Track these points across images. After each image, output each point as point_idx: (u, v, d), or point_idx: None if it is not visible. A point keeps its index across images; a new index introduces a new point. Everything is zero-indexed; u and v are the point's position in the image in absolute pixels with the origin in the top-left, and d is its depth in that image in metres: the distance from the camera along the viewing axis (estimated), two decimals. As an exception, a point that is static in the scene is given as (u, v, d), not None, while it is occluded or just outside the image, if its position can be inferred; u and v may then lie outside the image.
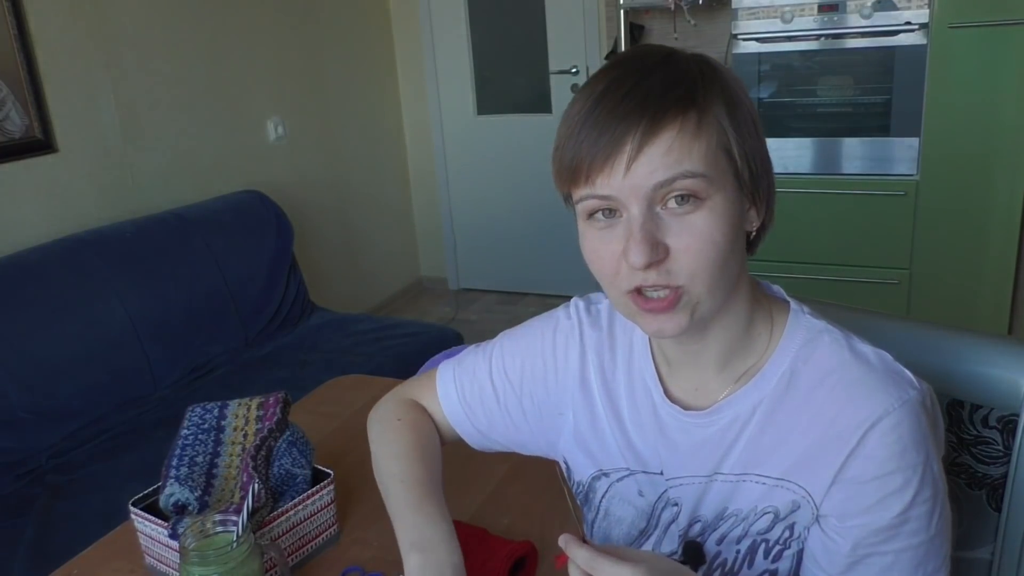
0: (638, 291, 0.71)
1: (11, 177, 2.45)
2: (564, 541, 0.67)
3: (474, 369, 0.97)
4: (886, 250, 3.02)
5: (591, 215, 0.72)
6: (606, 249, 0.72)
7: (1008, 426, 0.89)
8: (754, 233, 0.76)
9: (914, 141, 2.90)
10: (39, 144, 2.52)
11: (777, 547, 0.79)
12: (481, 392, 0.96)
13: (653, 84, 0.69)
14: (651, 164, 0.67)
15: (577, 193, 0.72)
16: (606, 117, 0.68)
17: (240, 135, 3.30)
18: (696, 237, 0.69)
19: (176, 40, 2.99)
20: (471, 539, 1.08)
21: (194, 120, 3.08)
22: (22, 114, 2.46)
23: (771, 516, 0.78)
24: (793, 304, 0.81)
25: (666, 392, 0.83)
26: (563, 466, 0.95)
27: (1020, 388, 0.87)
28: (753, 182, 0.73)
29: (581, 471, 0.92)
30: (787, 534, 0.78)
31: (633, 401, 0.86)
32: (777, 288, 0.84)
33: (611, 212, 0.71)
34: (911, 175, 2.93)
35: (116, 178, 2.77)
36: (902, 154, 2.93)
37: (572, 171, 0.71)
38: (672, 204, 0.69)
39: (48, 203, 2.56)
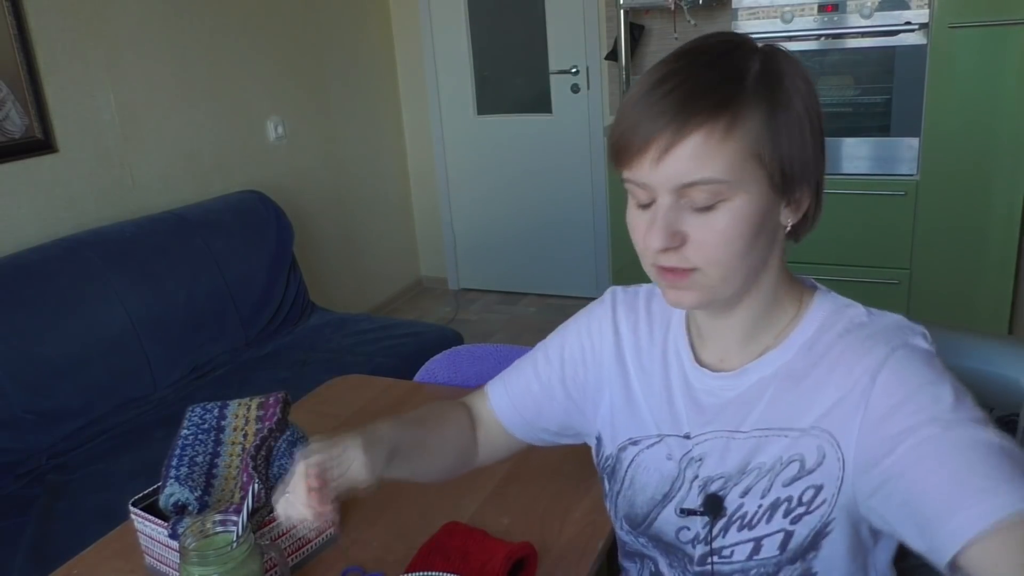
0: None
1: (11, 177, 2.45)
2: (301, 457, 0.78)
3: (519, 366, 1.05)
4: (886, 250, 3.02)
5: (634, 193, 0.79)
6: (639, 225, 0.78)
7: (1008, 426, 0.89)
8: (790, 226, 0.80)
9: (914, 141, 2.90)
10: (39, 144, 2.52)
11: (799, 509, 0.80)
12: (527, 383, 1.03)
13: (696, 84, 0.72)
14: (676, 164, 0.73)
15: (623, 174, 0.78)
16: (647, 111, 0.73)
17: (240, 135, 3.30)
18: (713, 233, 0.75)
19: (176, 40, 2.99)
20: (471, 540, 1.09)
21: (194, 120, 3.08)
22: (22, 114, 2.46)
23: (797, 464, 0.80)
24: (821, 288, 0.88)
25: (696, 360, 0.89)
26: (594, 443, 1.00)
27: (1020, 388, 0.87)
28: (787, 184, 0.76)
29: (611, 443, 0.97)
30: (811, 494, 0.80)
31: (666, 370, 0.91)
32: (810, 279, 0.89)
33: (648, 196, 0.76)
34: (911, 175, 2.93)
35: (116, 178, 2.77)
36: (902, 154, 2.93)
37: (616, 153, 0.77)
38: (696, 200, 0.74)
39: (48, 203, 2.56)
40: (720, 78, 0.73)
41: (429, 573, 0.99)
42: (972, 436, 0.68)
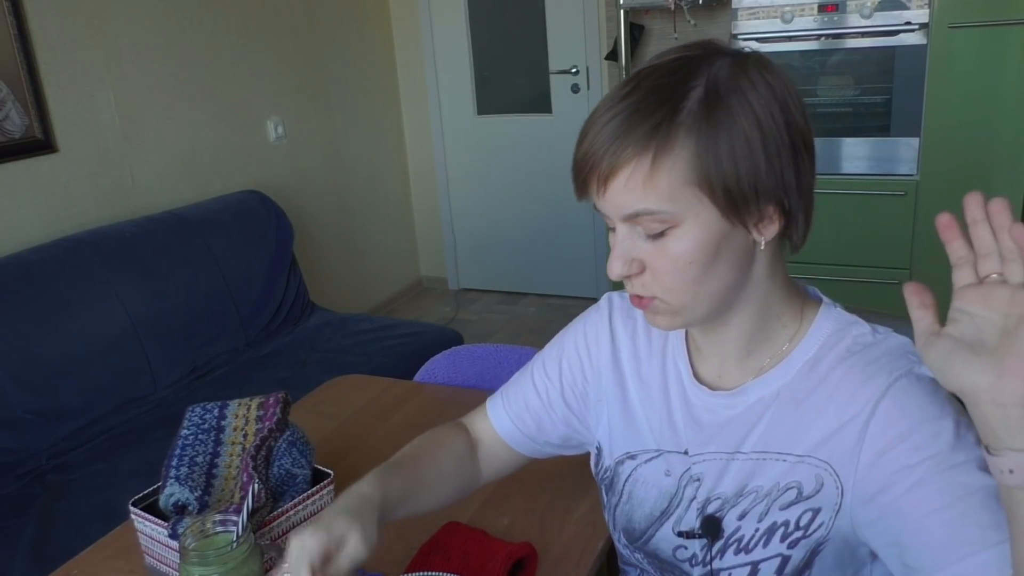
0: None
1: (11, 177, 2.45)
2: None
3: (518, 381, 1.04)
4: (886, 250, 3.02)
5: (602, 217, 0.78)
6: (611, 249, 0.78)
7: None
8: (764, 244, 0.76)
9: (914, 141, 2.90)
10: (39, 144, 2.52)
11: (796, 533, 0.80)
12: (526, 398, 1.02)
13: (631, 114, 0.71)
14: (615, 197, 0.73)
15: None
16: (592, 141, 0.73)
17: (240, 135, 3.30)
18: (666, 260, 0.74)
19: (176, 40, 2.99)
20: (471, 541, 1.09)
21: (194, 120, 3.08)
22: (22, 114, 2.46)
23: (795, 491, 0.79)
24: (826, 300, 0.85)
25: (695, 375, 0.88)
26: (594, 452, 0.99)
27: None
28: (739, 204, 0.72)
29: (609, 455, 0.96)
30: (808, 518, 0.79)
31: (664, 383, 0.90)
32: (814, 289, 0.87)
33: (611, 222, 0.76)
34: (911, 175, 2.93)
35: (116, 178, 2.77)
36: (902, 154, 2.93)
37: (574, 182, 0.77)
38: (646, 228, 0.74)
39: (48, 203, 2.56)
40: (654, 105, 0.70)
41: (429, 573, 0.99)
42: (966, 482, 0.68)
